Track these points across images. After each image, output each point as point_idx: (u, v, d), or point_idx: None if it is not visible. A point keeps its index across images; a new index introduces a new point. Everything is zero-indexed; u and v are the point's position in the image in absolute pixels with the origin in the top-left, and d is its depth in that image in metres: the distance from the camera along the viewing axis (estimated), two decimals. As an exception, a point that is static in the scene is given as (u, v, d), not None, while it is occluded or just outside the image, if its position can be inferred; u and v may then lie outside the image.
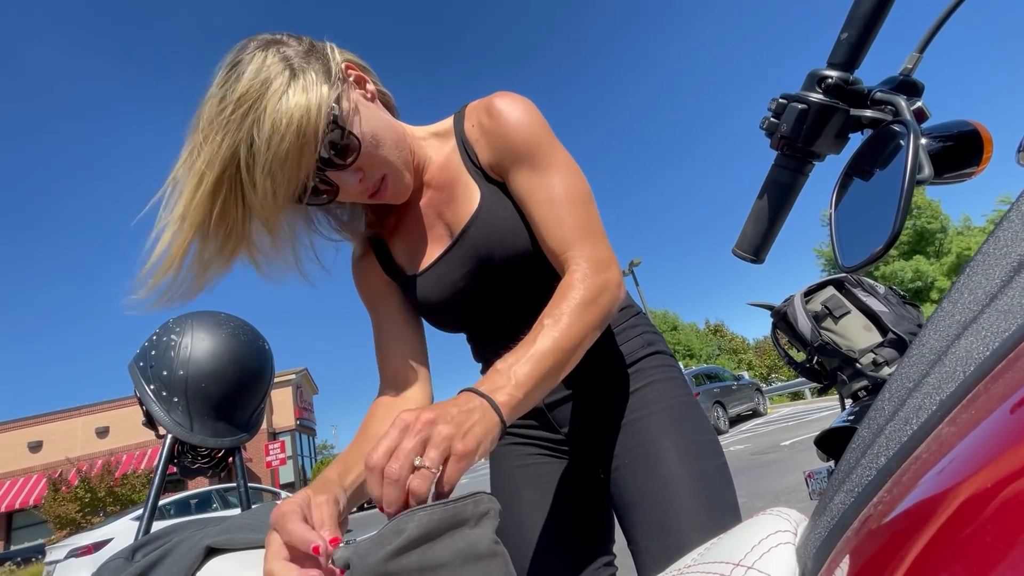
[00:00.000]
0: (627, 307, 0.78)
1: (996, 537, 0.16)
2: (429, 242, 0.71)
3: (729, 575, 0.26)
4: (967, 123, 0.47)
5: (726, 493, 0.66)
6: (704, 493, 0.64)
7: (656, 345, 0.76)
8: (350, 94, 0.60)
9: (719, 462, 0.68)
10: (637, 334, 0.76)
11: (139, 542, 0.65)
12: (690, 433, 0.69)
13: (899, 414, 0.25)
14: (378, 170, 0.62)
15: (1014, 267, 0.24)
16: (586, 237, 0.61)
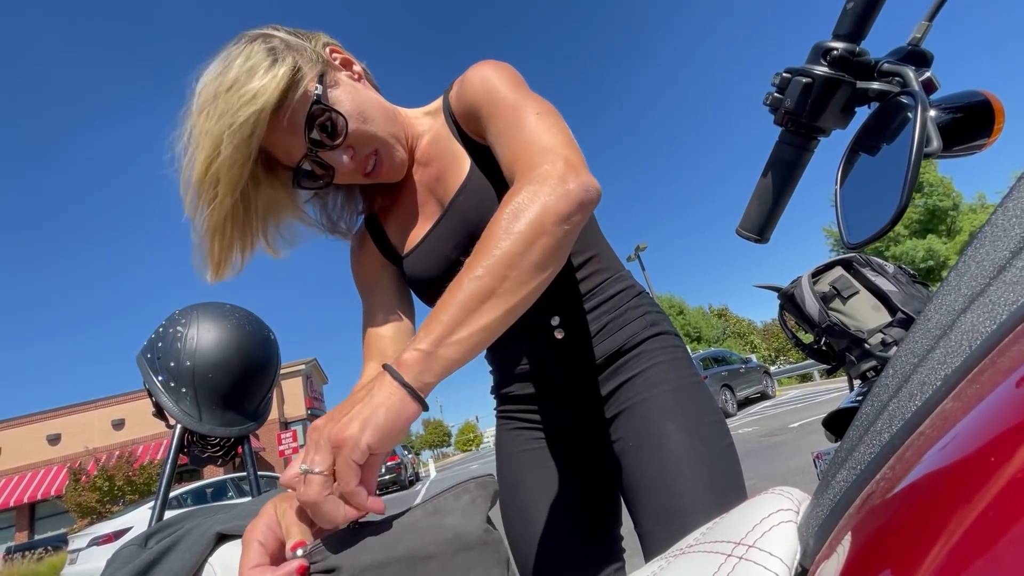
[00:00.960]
0: (627, 287, 0.76)
1: (999, 512, 0.16)
2: (421, 218, 0.70)
3: (730, 554, 0.26)
4: (978, 93, 0.46)
5: (731, 475, 0.66)
6: (708, 475, 0.64)
7: (660, 326, 0.75)
8: (334, 75, 0.62)
9: (724, 443, 0.67)
10: (640, 315, 0.75)
11: (152, 529, 0.66)
12: (694, 414, 0.67)
13: (903, 390, 0.24)
14: (368, 145, 0.63)
15: (1022, 239, 0.23)
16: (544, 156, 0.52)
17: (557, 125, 0.56)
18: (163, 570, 0.58)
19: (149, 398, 0.93)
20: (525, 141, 0.54)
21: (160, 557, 0.60)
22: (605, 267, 0.76)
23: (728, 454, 0.67)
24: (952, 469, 0.18)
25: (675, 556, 0.29)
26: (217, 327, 0.91)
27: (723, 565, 0.26)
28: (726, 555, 0.26)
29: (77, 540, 6.98)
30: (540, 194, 0.48)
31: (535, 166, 0.51)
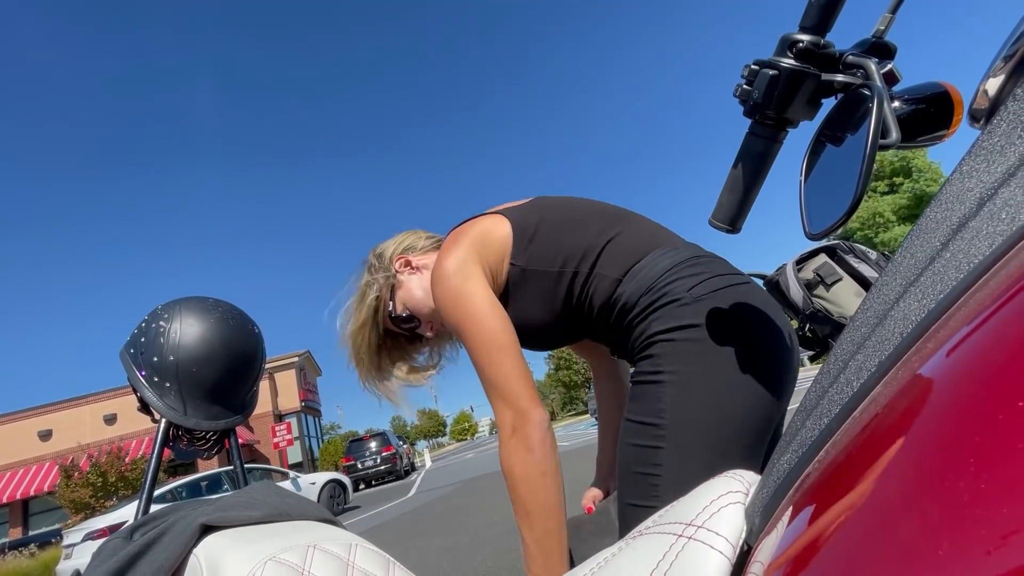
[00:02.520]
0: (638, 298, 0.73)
1: (915, 487, 0.17)
2: None
3: (680, 534, 0.27)
4: (939, 85, 0.47)
5: (636, 476, 0.67)
6: (622, 470, 0.69)
7: (660, 329, 0.71)
8: (400, 281, 0.92)
9: (639, 443, 0.68)
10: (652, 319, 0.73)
11: (137, 522, 0.67)
12: (631, 412, 0.71)
13: (842, 376, 0.26)
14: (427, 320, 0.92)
15: (953, 229, 0.24)
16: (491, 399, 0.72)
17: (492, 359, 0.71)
18: (148, 562, 0.59)
19: (134, 393, 0.93)
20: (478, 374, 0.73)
21: (145, 549, 0.61)
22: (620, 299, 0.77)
23: (640, 454, 0.68)
24: (874, 448, 0.20)
25: (632, 538, 0.30)
26: (200, 321, 0.91)
27: (673, 545, 0.27)
28: (677, 535, 0.27)
29: (71, 535, 6.98)
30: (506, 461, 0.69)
31: (495, 414, 0.71)
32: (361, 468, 15.00)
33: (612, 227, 0.79)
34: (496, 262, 0.78)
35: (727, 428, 0.65)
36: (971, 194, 0.24)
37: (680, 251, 0.75)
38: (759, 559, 0.24)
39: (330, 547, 0.59)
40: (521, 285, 0.79)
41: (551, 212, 0.81)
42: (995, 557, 0.14)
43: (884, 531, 0.17)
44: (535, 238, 0.78)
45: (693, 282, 0.70)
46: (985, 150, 0.24)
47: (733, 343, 0.66)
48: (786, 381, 0.69)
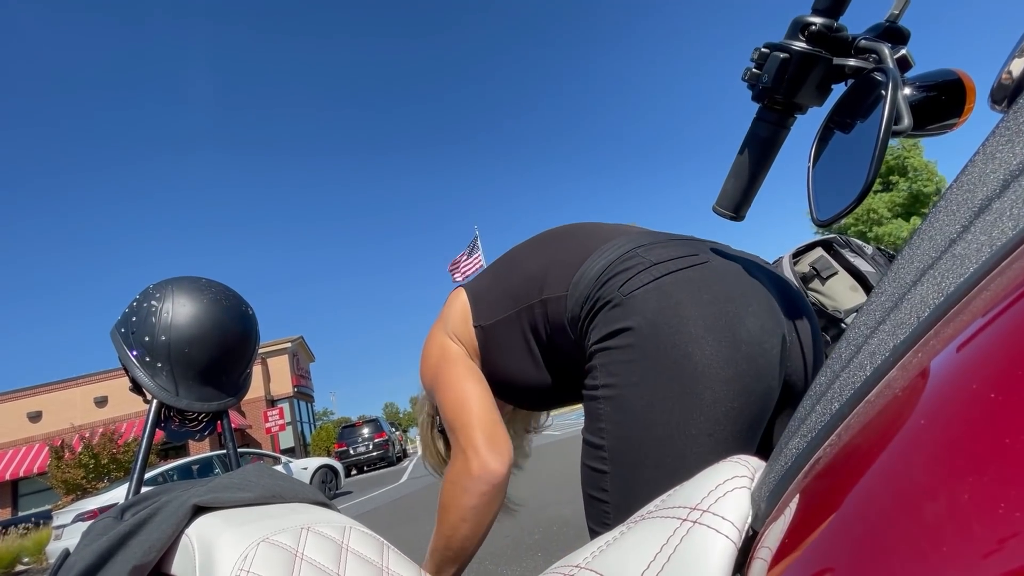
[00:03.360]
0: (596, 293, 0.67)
1: (929, 474, 0.16)
2: None
3: (686, 518, 0.27)
4: (952, 72, 0.46)
5: (590, 499, 0.64)
6: (582, 490, 0.65)
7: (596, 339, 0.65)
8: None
9: (589, 464, 0.64)
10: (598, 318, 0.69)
11: (128, 502, 0.67)
12: (583, 430, 0.66)
13: (854, 361, 0.25)
14: None
15: (974, 212, 0.23)
16: (452, 437, 0.73)
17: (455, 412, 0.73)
18: (139, 542, 0.59)
19: (125, 373, 0.92)
20: (447, 425, 0.75)
21: (136, 529, 0.60)
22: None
23: (586, 473, 0.64)
24: (889, 434, 0.19)
25: (635, 522, 0.30)
26: (193, 301, 0.90)
27: (678, 529, 0.27)
28: (682, 519, 0.27)
29: (62, 516, 6.97)
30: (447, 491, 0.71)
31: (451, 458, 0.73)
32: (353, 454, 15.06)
33: (553, 248, 0.75)
34: (462, 329, 0.79)
35: (675, 442, 0.57)
36: (994, 176, 0.23)
37: (622, 245, 0.66)
38: (766, 544, 0.24)
39: (324, 530, 0.59)
40: (490, 343, 0.77)
41: (502, 260, 0.81)
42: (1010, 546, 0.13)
43: (897, 518, 0.17)
44: (486, 294, 0.79)
45: (625, 278, 0.62)
46: (1010, 131, 0.23)
47: (670, 343, 0.57)
48: (755, 369, 0.58)
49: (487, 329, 0.77)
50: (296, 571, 0.52)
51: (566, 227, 0.80)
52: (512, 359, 0.76)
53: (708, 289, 0.59)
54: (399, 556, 0.62)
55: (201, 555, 0.55)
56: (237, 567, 0.50)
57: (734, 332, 0.57)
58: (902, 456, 0.18)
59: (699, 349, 0.56)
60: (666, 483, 0.56)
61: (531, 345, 0.74)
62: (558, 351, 0.72)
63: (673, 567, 0.26)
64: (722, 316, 0.58)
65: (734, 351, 0.57)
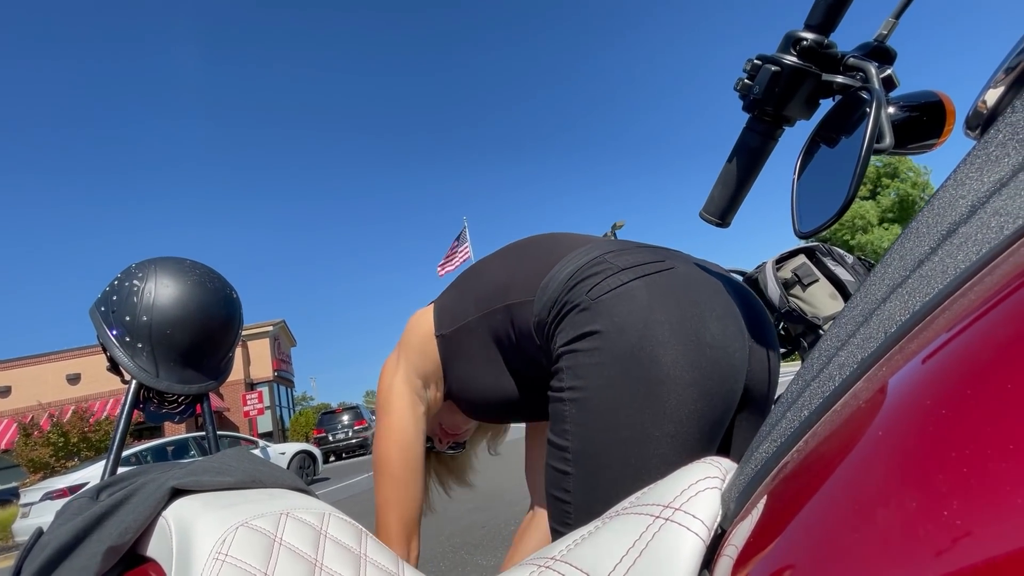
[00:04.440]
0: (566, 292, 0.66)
1: (881, 480, 0.17)
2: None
3: (658, 515, 0.28)
4: (934, 94, 0.48)
5: (553, 499, 0.64)
6: (545, 490, 0.66)
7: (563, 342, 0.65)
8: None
9: (553, 464, 0.64)
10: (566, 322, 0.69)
11: (104, 483, 0.66)
12: (548, 431, 0.66)
13: (824, 371, 0.26)
14: (438, 434, 0.98)
15: (943, 235, 0.24)
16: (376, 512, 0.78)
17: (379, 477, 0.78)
18: (115, 522, 0.58)
19: (103, 352, 0.91)
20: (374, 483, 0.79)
21: (112, 510, 0.60)
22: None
23: (551, 475, 0.65)
24: (851, 442, 0.20)
25: (611, 518, 0.31)
26: (176, 283, 0.89)
27: (651, 525, 0.28)
28: (654, 516, 0.28)
29: (29, 494, 6.84)
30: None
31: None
32: (332, 440, 15.00)
33: (518, 257, 0.76)
34: (419, 353, 0.80)
35: (639, 444, 0.57)
36: (963, 201, 0.24)
37: (589, 251, 0.67)
38: (733, 543, 0.25)
39: (303, 516, 0.59)
40: (451, 354, 0.78)
41: (467, 273, 0.82)
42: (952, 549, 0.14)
43: (857, 521, 0.18)
44: (450, 305, 0.79)
45: (593, 283, 0.62)
46: (980, 159, 0.25)
47: (637, 346, 0.58)
48: (718, 373, 0.59)
49: (448, 337, 0.77)
50: (274, 556, 0.53)
51: (532, 238, 0.80)
52: (474, 366, 0.76)
53: (674, 294, 0.61)
54: (377, 544, 0.62)
55: (178, 538, 0.55)
56: (215, 551, 0.50)
57: (698, 336, 0.58)
58: (861, 464, 0.19)
59: (665, 353, 0.57)
60: (628, 484, 0.57)
61: (492, 352, 0.74)
62: (523, 358, 0.72)
63: (644, 562, 0.27)
64: (687, 320, 0.59)
65: (698, 355, 0.58)
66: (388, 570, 0.59)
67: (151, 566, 0.59)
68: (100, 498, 0.63)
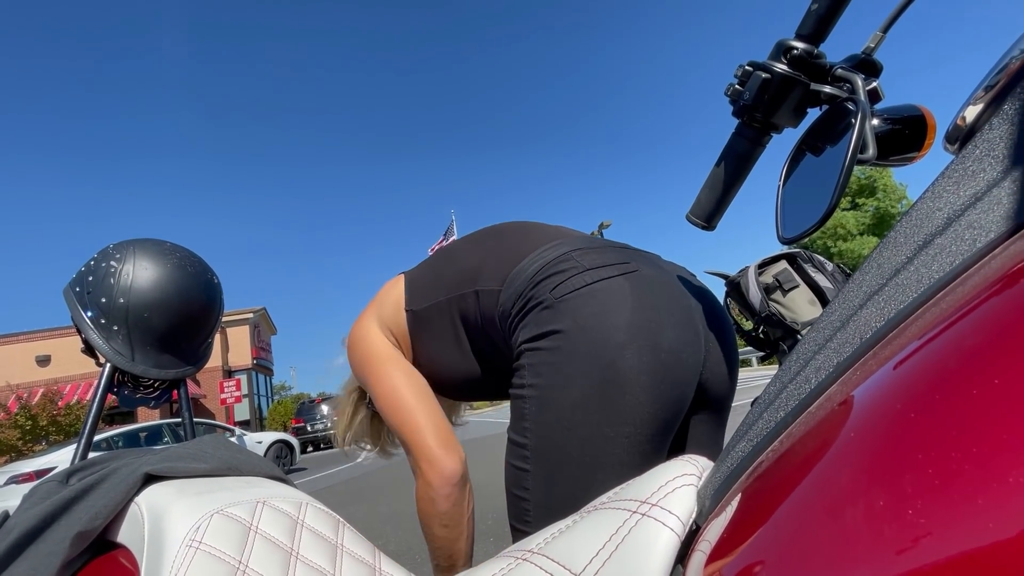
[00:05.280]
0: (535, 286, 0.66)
1: (851, 480, 0.18)
2: None
3: (635, 511, 0.29)
4: (916, 108, 0.49)
5: (512, 497, 0.66)
6: (505, 488, 0.67)
7: (526, 338, 0.65)
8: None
9: (512, 462, 0.66)
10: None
11: (75, 467, 0.65)
12: (508, 428, 0.67)
13: (801, 374, 0.27)
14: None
15: (919, 245, 0.25)
16: (403, 446, 0.75)
17: (402, 413, 0.73)
18: (85, 507, 0.57)
19: (77, 334, 0.89)
20: (391, 430, 0.76)
21: (82, 495, 0.58)
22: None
23: (510, 472, 0.66)
24: (823, 443, 0.21)
25: (588, 512, 0.32)
26: (156, 265, 0.86)
27: (627, 520, 0.28)
28: (631, 511, 0.29)
29: (-6, 477, 6.64)
30: (420, 509, 0.72)
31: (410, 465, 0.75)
32: (311, 431, 14.86)
33: (490, 244, 0.76)
34: (392, 316, 0.81)
35: (595, 443, 0.59)
36: (940, 213, 0.25)
37: (558, 247, 0.67)
38: (707, 538, 0.25)
39: (280, 504, 0.59)
40: (419, 328, 0.79)
41: (440, 253, 0.83)
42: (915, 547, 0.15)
43: (823, 519, 0.19)
44: (422, 280, 0.80)
45: (558, 280, 0.63)
46: (957, 173, 0.25)
47: (597, 347, 0.59)
48: (672, 377, 0.60)
49: (418, 313, 0.78)
50: (250, 545, 0.52)
51: (506, 224, 0.81)
52: (440, 345, 0.78)
53: (635, 298, 0.62)
54: (354, 534, 0.62)
55: (151, 524, 0.54)
56: (189, 538, 0.49)
57: (656, 341, 0.60)
58: (832, 464, 0.19)
59: (623, 355, 0.59)
60: (585, 482, 0.59)
61: (460, 333, 0.75)
62: (488, 342, 0.73)
63: (620, 555, 0.27)
64: (645, 325, 0.60)
65: (654, 359, 0.59)
66: (365, 560, 0.59)
67: (121, 553, 0.58)
68: (70, 482, 0.61)
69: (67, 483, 0.61)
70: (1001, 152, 0.24)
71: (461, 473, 0.70)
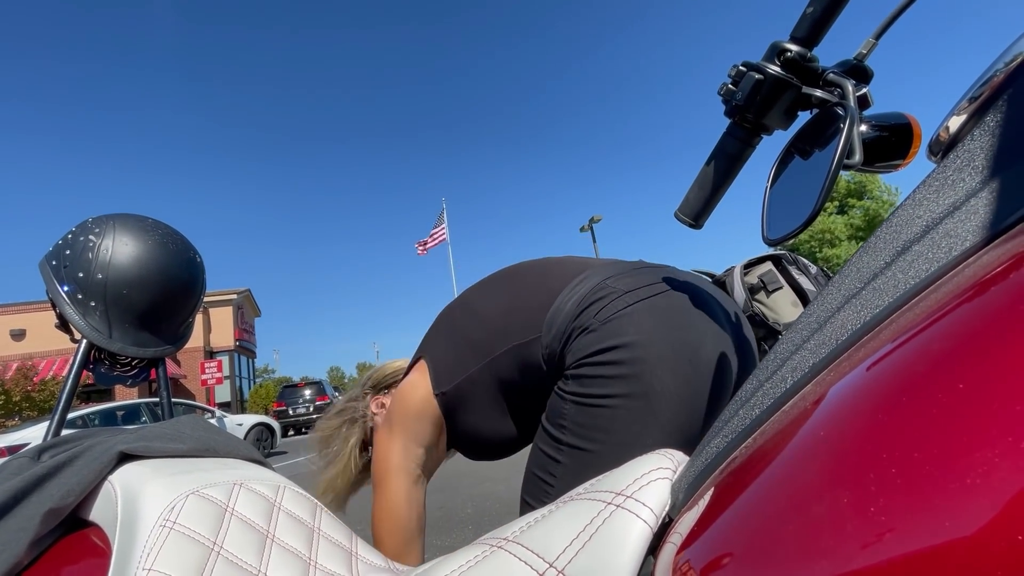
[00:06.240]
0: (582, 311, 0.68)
1: (818, 477, 0.18)
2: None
3: (610, 502, 0.29)
4: (903, 116, 0.50)
5: (534, 476, 0.69)
6: (527, 466, 0.70)
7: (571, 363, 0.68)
8: (376, 423, 0.90)
9: (543, 448, 0.68)
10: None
11: (47, 443, 0.63)
12: (544, 418, 0.70)
13: (778, 374, 0.27)
14: None
15: (897, 251, 0.26)
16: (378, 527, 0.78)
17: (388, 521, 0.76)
18: (57, 484, 0.56)
19: (53, 309, 0.87)
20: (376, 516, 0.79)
21: (54, 471, 0.57)
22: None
23: (529, 476, 0.70)
24: (795, 441, 0.21)
25: (564, 502, 0.32)
26: (136, 241, 0.85)
27: (602, 511, 0.29)
28: (606, 503, 0.29)
29: (-36, 452, 6.50)
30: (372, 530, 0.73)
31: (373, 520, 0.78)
32: (292, 415, 14.78)
33: (511, 293, 0.77)
34: (419, 413, 0.78)
35: (631, 450, 0.60)
36: (919, 221, 0.25)
37: (589, 278, 0.71)
38: (678, 531, 0.26)
39: (257, 487, 0.59)
40: (454, 406, 0.77)
41: (450, 317, 0.81)
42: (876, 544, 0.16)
43: (790, 514, 0.19)
44: (445, 358, 0.78)
45: (600, 307, 0.67)
46: (938, 182, 0.26)
47: (641, 364, 0.62)
48: (705, 390, 0.65)
49: (449, 394, 0.76)
50: (225, 526, 0.52)
51: (519, 267, 0.81)
52: (479, 416, 0.77)
53: (675, 316, 0.66)
54: (332, 518, 0.62)
55: (124, 503, 0.53)
56: (163, 517, 0.49)
57: (696, 356, 0.64)
58: (801, 461, 0.20)
59: (665, 371, 0.63)
60: None
61: (497, 397, 0.75)
62: (525, 393, 0.74)
63: (593, 545, 0.28)
64: (686, 342, 0.64)
65: (694, 373, 0.64)
66: (342, 545, 0.59)
67: (93, 531, 0.57)
68: (41, 459, 0.60)
69: (39, 460, 0.60)
70: (981, 163, 0.25)
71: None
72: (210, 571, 0.48)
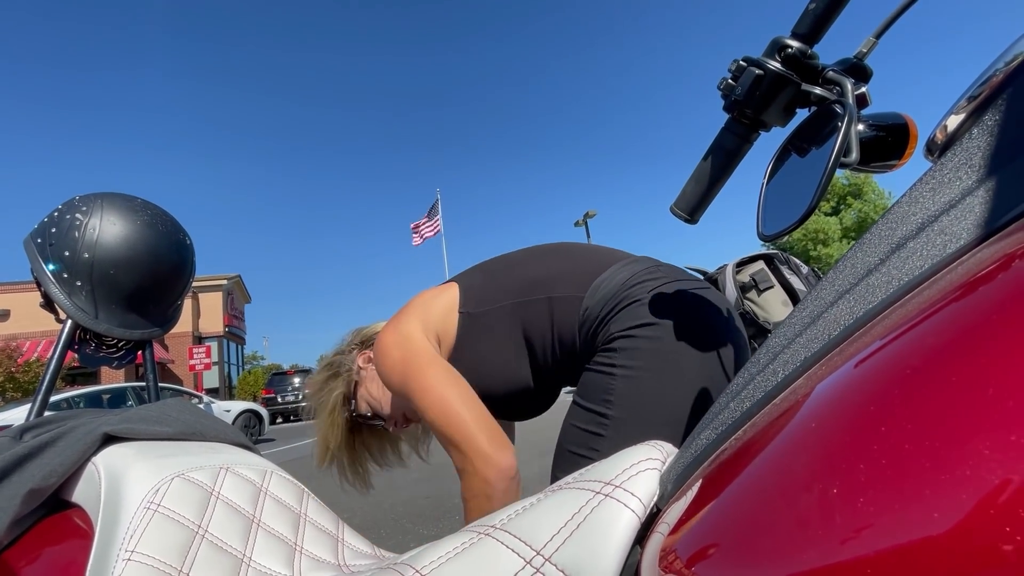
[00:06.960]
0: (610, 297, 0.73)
1: (807, 469, 0.18)
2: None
3: (599, 491, 0.29)
4: (901, 116, 0.50)
5: (570, 455, 0.71)
6: (560, 446, 0.74)
7: (620, 328, 0.72)
8: (361, 377, 0.90)
9: (581, 426, 0.71)
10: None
11: (29, 423, 0.63)
12: (579, 397, 0.73)
13: (769, 367, 0.27)
14: (391, 418, 0.89)
15: (892, 248, 0.26)
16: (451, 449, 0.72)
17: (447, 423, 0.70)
18: (39, 465, 0.56)
19: (37, 288, 0.85)
20: (437, 433, 0.72)
21: (36, 451, 0.57)
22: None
23: (561, 453, 0.73)
24: (784, 434, 0.21)
25: (553, 491, 0.32)
26: (124, 221, 0.83)
27: (590, 500, 0.29)
28: (595, 492, 0.29)
29: (-55, 432, 6.40)
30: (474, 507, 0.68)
31: (456, 465, 0.71)
32: (281, 402, 14.73)
33: (557, 259, 0.81)
34: (440, 319, 0.79)
35: (671, 425, 0.66)
36: (915, 218, 0.26)
37: (638, 263, 0.77)
38: (666, 521, 0.26)
39: (244, 471, 0.58)
40: (473, 332, 0.78)
41: (492, 263, 0.85)
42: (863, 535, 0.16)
43: (778, 506, 0.19)
44: (480, 286, 0.81)
45: (652, 285, 0.73)
46: (935, 180, 0.26)
47: (688, 341, 0.68)
48: (732, 371, 0.71)
49: (475, 316, 0.78)
50: (210, 510, 0.52)
51: (561, 244, 0.86)
52: (493, 349, 0.78)
53: (715, 301, 0.74)
54: (319, 505, 0.62)
55: (108, 485, 0.53)
56: (148, 500, 0.49)
57: (732, 339, 0.72)
58: (791, 453, 0.20)
59: (705, 349, 0.69)
60: None
61: (518, 338, 0.78)
62: (545, 347, 0.77)
63: (581, 534, 0.28)
64: (723, 325, 0.72)
65: (727, 353, 0.70)
66: (328, 531, 0.59)
67: (76, 512, 0.57)
68: (24, 439, 0.59)
69: (20, 439, 0.59)
70: (978, 162, 0.25)
71: (514, 463, 0.71)
72: (194, 554, 0.47)
